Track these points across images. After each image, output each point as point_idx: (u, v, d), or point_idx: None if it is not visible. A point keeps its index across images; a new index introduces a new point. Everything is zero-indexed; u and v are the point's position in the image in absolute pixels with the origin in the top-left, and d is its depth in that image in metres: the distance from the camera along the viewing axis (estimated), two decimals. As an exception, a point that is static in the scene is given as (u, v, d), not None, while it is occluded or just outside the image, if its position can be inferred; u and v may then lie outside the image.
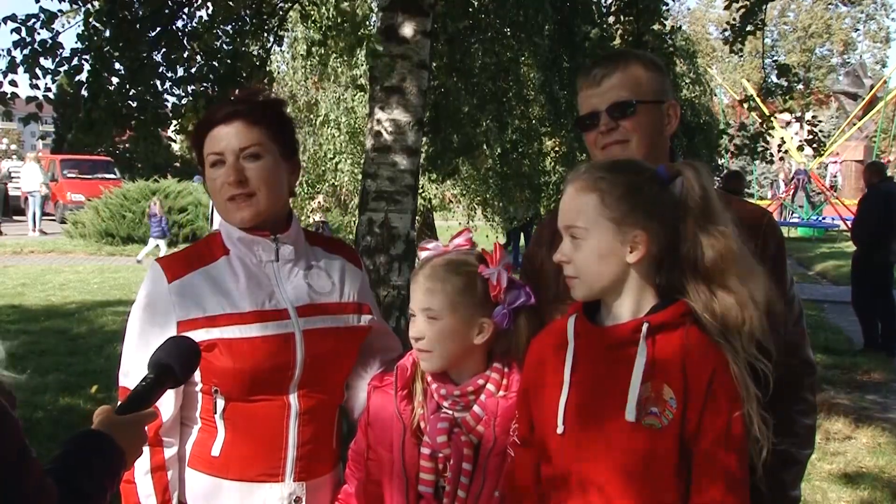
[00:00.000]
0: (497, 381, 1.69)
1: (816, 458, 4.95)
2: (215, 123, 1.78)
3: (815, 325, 9.46)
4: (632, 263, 1.48)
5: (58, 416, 5.40)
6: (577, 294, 1.53)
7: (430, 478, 1.67)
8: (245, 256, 1.81)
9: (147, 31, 5.41)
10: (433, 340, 1.67)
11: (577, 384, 1.51)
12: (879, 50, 44.25)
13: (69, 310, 9.66)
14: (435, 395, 1.70)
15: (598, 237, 1.48)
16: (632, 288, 1.50)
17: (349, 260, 1.97)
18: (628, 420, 1.42)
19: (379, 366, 1.86)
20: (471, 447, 1.66)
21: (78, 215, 17.73)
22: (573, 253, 1.51)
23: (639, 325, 1.46)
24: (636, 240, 1.47)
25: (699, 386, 1.43)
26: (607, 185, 1.49)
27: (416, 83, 4.76)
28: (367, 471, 1.78)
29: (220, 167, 1.77)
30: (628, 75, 1.74)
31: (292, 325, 1.77)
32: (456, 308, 1.67)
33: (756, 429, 1.45)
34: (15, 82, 5.16)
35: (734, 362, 1.45)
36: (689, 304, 1.48)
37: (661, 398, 1.43)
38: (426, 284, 1.69)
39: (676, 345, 1.45)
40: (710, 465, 1.43)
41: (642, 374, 1.43)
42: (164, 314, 1.74)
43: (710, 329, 1.47)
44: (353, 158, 13.20)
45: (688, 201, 1.50)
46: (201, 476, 1.78)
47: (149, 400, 1.38)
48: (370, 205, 4.73)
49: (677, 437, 1.42)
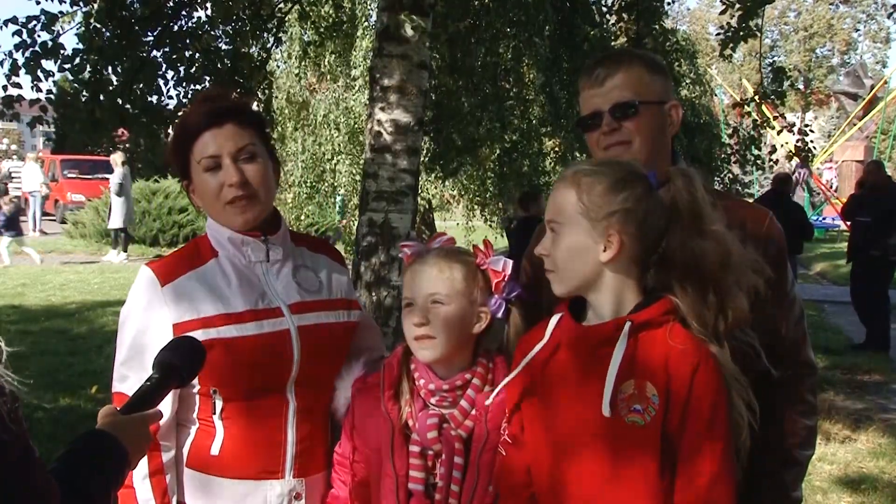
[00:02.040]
0: (482, 376, 1.71)
1: (817, 458, 4.95)
2: (204, 128, 1.76)
3: (816, 326, 9.46)
4: (605, 262, 1.49)
5: (58, 415, 5.40)
6: (555, 289, 1.56)
7: (420, 475, 1.68)
8: (234, 257, 1.82)
9: (147, 31, 5.41)
10: (438, 326, 1.66)
11: (562, 382, 1.53)
12: (880, 50, 44.27)
13: (69, 310, 9.66)
14: (422, 391, 1.70)
15: (573, 233, 1.50)
16: (610, 286, 1.51)
17: (333, 258, 2.00)
18: (604, 415, 1.43)
19: (362, 367, 1.86)
20: (461, 442, 1.67)
21: (78, 215, 17.73)
22: (551, 247, 1.53)
23: (621, 323, 1.47)
24: (610, 238, 1.48)
25: (682, 382, 1.44)
26: (587, 183, 1.50)
27: (417, 83, 4.76)
28: (353, 473, 1.79)
29: (216, 171, 1.76)
30: (631, 75, 1.73)
31: (287, 322, 1.78)
32: (461, 294, 1.68)
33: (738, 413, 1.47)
34: (19, 84, 5.16)
35: (718, 356, 1.47)
36: (673, 301, 1.49)
37: (644, 395, 1.44)
38: (431, 271, 1.70)
39: (660, 343, 1.46)
40: (695, 458, 1.43)
41: (622, 371, 1.44)
42: (159, 318, 1.74)
43: (697, 326, 1.48)
44: (351, 158, 13.20)
45: (677, 206, 1.51)
46: (201, 476, 1.78)
47: (154, 400, 1.38)
48: (370, 205, 4.73)
49: (660, 433, 1.43)
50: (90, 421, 1.33)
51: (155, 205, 16.38)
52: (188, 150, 1.78)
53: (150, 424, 1.37)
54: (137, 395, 1.37)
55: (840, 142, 25.09)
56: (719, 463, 1.43)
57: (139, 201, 16.41)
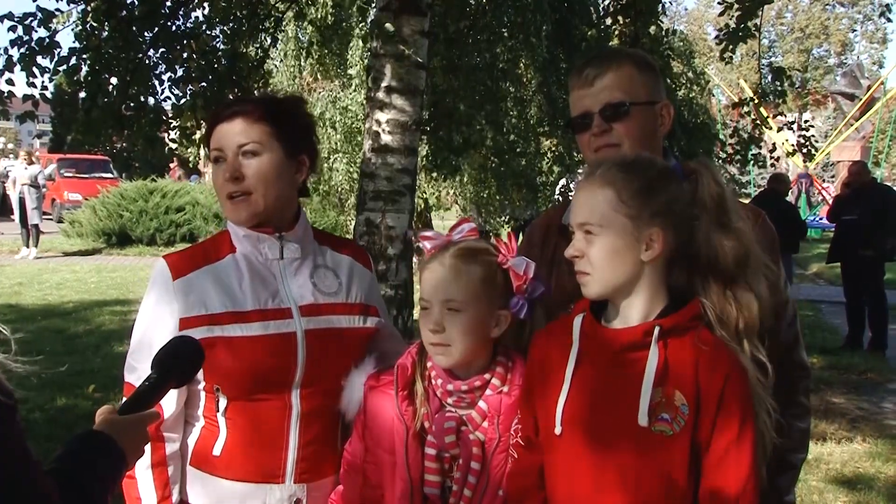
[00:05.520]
0: (501, 376, 1.65)
1: (813, 458, 4.95)
2: (220, 121, 1.79)
3: (812, 326, 9.47)
4: (646, 262, 1.45)
5: (55, 415, 5.40)
6: (589, 292, 1.49)
7: (436, 479, 1.62)
8: (251, 254, 1.81)
9: (144, 31, 5.41)
10: (454, 334, 1.59)
11: (581, 386, 1.48)
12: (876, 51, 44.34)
13: (66, 309, 9.64)
14: (439, 391, 1.64)
15: (614, 234, 1.45)
16: (644, 288, 1.47)
17: (358, 260, 1.95)
18: (641, 425, 1.39)
19: (374, 365, 1.80)
20: (479, 445, 1.62)
21: (75, 214, 17.69)
22: (587, 248, 1.47)
23: (650, 328, 1.43)
24: (652, 237, 1.45)
25: (712, 392, 1.40)
26: (624, 182, 1.46)
27: (414, 83, 4.76)
28: (365, 475, 1.73)
29: (221, 164, 1.77)
30: (621, 75, 1.70)
31: (294, 325, 1.76)
32: (479, 299, 1.60)
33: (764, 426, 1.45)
34: (12, 81, 5.16)
35: (747, 365, 1.43)
36: (701, 305, 1.45)
37: (672, 404, 1.40)
38: (446, 274, 1.61)
39: (688, 349, 1.42)
40: (722, 470, 1.40)
41: (654, 379, 1.40)
42: (168, 311, 1.75)
43: (723, 331, 1.45)
44: (348, 158, 13.19)
45: (704, 200, 1.48)
46: (203, 475, 1.78)
47: (151, 400, 1.37)
48: (368, 204, 4.73)
49: (689, 444, 1.40)
50: (87, 421, 1.33)
51: (152, 204, 16.34)
52: (208, 141, 1.82)
53: (148, 425, 1.36)
54: (134, 395, 1.37)
55: (837, 142, 25.10)
56: (747, 475, 1.41)
57: (136, 200, 16.38)
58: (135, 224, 16.22)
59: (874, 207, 8.31)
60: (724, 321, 1.45)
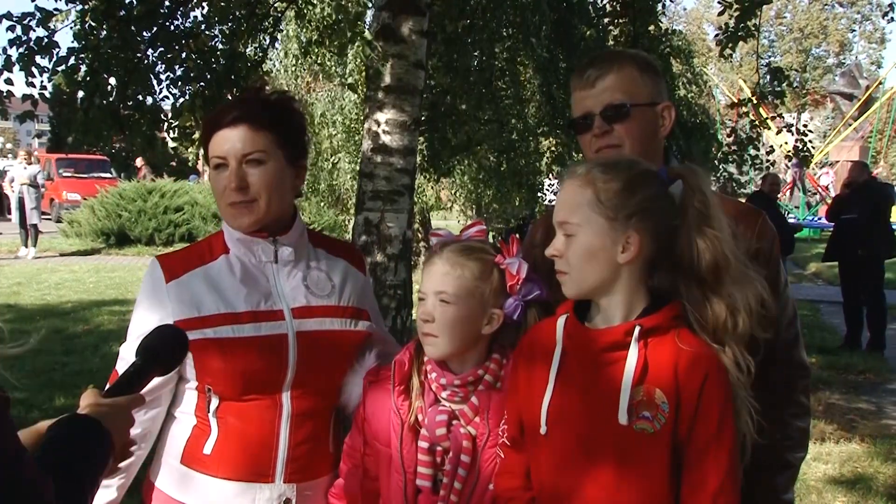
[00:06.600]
0: (495, 372, 1.68)
1: (812, 458, 4.96)
2: (221, 126, 1.77)
3: (811, 325, 9.48)
4: (622, 264, 1.46)
5: (53, 415, 5.33)
6: (566, 291, 1.51)
7: (428, 472, 1.66)
8: (245, 256, 1.82)
9: (143, 31, 5.40)
10: (442, 325, 1.64)
11: (565, 386, 1.50)
12: (875, 51, 44.41)
13: (65, 309, 9.63)
14: (433, 385, 1.68)
15: (590, 234, 1.46)
16: (623, 289, 1.48)
17: (353, 263, 1.96)
18: (621, 423, 1.41)
19: (374, 361, 1.83)
20: (469, 439, 1.65)
21: (74, 214, 17.68)
22: (565, 248, 1.49)
23: (631, 328, 1.44)
24: (628, 240, 1.45)
25: (692, 390, 1.42)
26: (604, 182, 1.46)
27: (413, 83, 4.76)
28: (364, 467, 1.77)
29: (224, 171, 1.77)
30: (622, 76, 1.71)
31: (286, 327, 1.77)
32: (470, 295, 1.65)
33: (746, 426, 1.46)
34: (11, 80, 5.15)
35: (726, 364, 1.45)
36: (681, 305, 1.47)
37: (652, 402, 1.42)
38: (443, 268, 1.66)
39: (668, 348, 1.44)
40: (702, 467, 1.42)
41: (634, 378, 1.42)
42: (162, 313, 1.76)
43: (702, 332, 1.46)
44: (350, 157, 13.19)
45: (687, 205, 1.49)
46: (193, 473, 1.79)
47: (136, 384, 1.37)
48: (367, 204, 4.74)
49: (670, 442, 1.42)
50: (85, 421, 1.31)
51: (150, 204, 16.32)
52: (206, 145, 1.81)
53: (133, 408, 1.35)
54: (120, 379, 1.38)
55: (836, 142, 25.14)
56: (725, 472, 1.42)
57: (135, 200, 16.37)
58: (133, 224, 16.20)
59: (873, 206, 8.31)
60: (703, 324, 1.46)
